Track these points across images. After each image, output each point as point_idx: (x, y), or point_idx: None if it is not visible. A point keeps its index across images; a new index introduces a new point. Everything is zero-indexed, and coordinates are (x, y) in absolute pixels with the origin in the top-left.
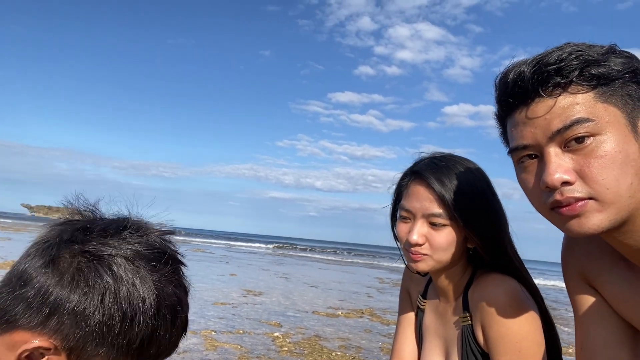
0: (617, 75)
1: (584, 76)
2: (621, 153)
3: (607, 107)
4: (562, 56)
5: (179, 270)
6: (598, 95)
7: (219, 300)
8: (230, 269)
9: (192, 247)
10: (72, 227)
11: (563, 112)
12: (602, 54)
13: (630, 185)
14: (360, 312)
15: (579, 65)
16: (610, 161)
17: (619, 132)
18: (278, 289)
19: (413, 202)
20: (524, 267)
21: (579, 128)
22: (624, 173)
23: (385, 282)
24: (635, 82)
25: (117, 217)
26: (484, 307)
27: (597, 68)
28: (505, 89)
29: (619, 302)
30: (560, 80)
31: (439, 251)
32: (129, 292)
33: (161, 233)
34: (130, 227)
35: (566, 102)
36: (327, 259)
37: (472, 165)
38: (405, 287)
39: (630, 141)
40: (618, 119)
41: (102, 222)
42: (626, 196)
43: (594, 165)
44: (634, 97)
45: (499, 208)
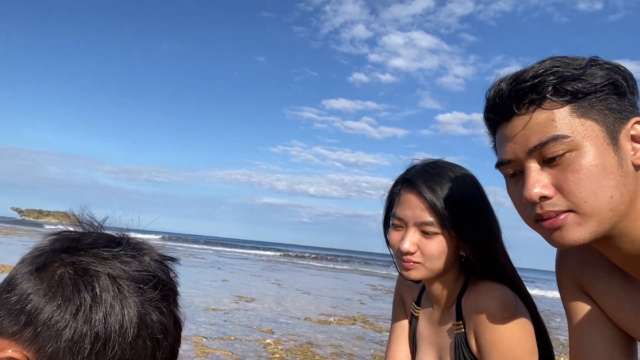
0: (595, 88)
1: (558, 92)
2: (598, 167)
3: (584, 121)
4: (538, 72)
5: (169, 297)
6: (575, 110)
7: (210, 306)
8: (222, 274)
9: (183, 253)
10: (65, 237)
11: (539, 128)
12: (581, 68)
13: (611, 199)
14: (352, 319)
15: (553, 81)
16: (587, 175)
17: (597, 146)
18: (270, 295)
19: (405, 210)
20: (517, 275)
21: (555, 145)
22: (602, 186)
23: (378, 289)
24: (615, 94)
25: (116, 234)
26: (477, 315)
27: (573, 83)
28: (487, 106)
29: (614, 309)
30: (535, 96)
31: (431, 259)
32: (105, 313)
33: (160, 257)
34: (125, 245)
35: (542, 118)
36: (320, 266)
37: (464, 172)
38: (399, 294)
39: (609, 154)
40: (596, 132)
41: (97, 236)
42: (606, 209)
43: (570, 180)
44: (614, 110)
45: (491, 216)
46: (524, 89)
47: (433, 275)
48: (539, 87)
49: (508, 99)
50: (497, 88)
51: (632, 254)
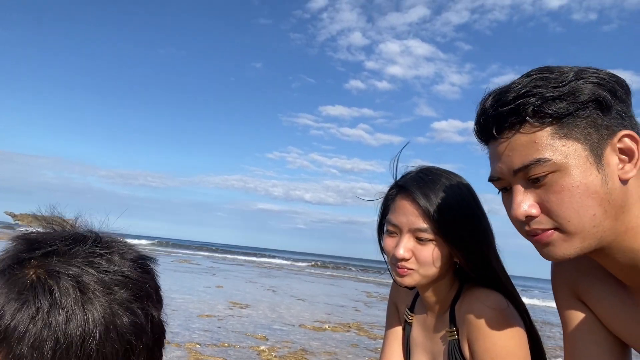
0: (578, 107)
1: (539, 115)
2: (579, 187)
3: (565, 142)
4: (519, 93)
5: (144, 298)
6: (556, 131)
7: (204, 312)
8: (216, 280)
9: (178, 259)
10: (30, 238)
11: (522, 150)
12: (565, 84)
13: (594, 216)
14: (347, 326)
15: (534, 103)
16: (568, 196)
17: (578, 165)
18: (265, 302)
19: (399, 216)
20: (511, 282)
21: (537, 168)
22: (585, 205)
23: (373, 296)
24: (600, 110)
25: (84, 232)
26: (470, 322)
27: (554, 105)
28: (475, 124)
29: (609, 317)
30: (515, 119)
31: (425, 266)
32: (66, 317)
33: (133, 256)
34: (92, 244)
35: (524, 141)
36: (315, 272)
37: (459, 179)
38: (393, 300)
39: (592, 173)
40: (578, 152)
41: (62, 236)
42: (589, 226)
43: (553, 201)
44: (599, 126)
45: (485, 223)
46: (504, 113)
47: (427, 282)
48: (519, 111)
49: (491, 122)
50: (482, 108)
51: (625, 264)
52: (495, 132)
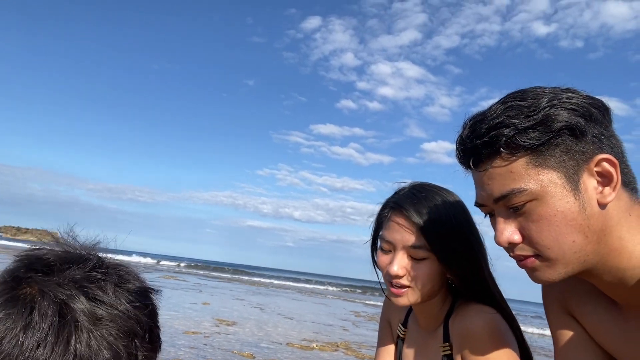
0: (552, 135)
1: (512, 147)
2: (557, 215)
3: (540, 170)
4: (492, 124)
5: (131, 337)
6: (531, 160)
7: (191, 329)
8: (203, 297)
9: (164, 274)
10: (31, 255)
11: (500, 179)
12: (538, 112)
13: (573, 243)
14: (335, 346)
15: (508, 134)
16: (546, 224)
17: (555, 194)
18: (252, 319)
19: (393, 233)
20: (503, 298)
21: (513, 198)
22: (562, 232)
23: (361, 315)
24: (575, 137)
25: (88, 254)
26: (464, 337)
27: (527, 136)
28: (455, 152)
29: (600, 333)
30: (490, 151)
31: (420, 283)
32: (37, 341)
33: (134, 288)
34: (93, 267)
35: (500, 172)
36: (303, 291)
37: (452, 196)
38: (385, 316)
39: (569, 200)
40: (554, 180)
41: (63, 257)
42: (570, 252)
43: (532, 229)
44: (574, 152)
45: (478, 240)
46: (479, 145)
47: (422, 300)
48: (492, 143)
49: (467, 154)
50: (459, 137)
51: (613, 282)
52: (473, 164)
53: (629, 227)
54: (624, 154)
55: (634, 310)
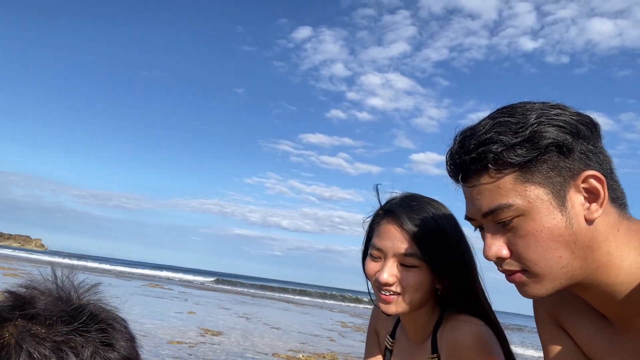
0: (539, 152)
1: (500, 163)
2: (544, 231)
3: (527, 187)
4: (481, 140)
5: None
6: (518, 177)
7: (175, 338)
8: (188, 306)
9: (149, 283)
10: (21, 295)
11: (488, 194)
12: (526, 128)
13: (560, 259)
14: (321, 356)
15: (495, 150)
16: (533, 240)
17: (542, 210)
18: (238, 329)
19: (384, 240)
20: (492, 310)
21: (501, 213)
22: (549, 248)
23: (348, 326)
24: (562, 154)
25: (82, 305)
26: (452, 349)
27: (514, 152)
28: (446, 166)
29: (589, 345)
30: (478, 167)
31: (409, 291)
32: None
33: (119, 357)
34: (82, 323)
35: (488, 187)
36: (290, 300)
37: (443, 208)
38: (373, 326)
39: (556, 216)
40: (541, 197)
41: (56, 304)
42: (557, 268)
43: (519, 244)
44: (561, 169)
45: (468, 251)
46: (467, 161)
47: (411, 309)
48: (480, 159)
49: (456, 169)
50: (449, 152)
51: (601, 297)
52: (460, 180)
53: (617, 242)
54: (612, 170)
55: (622, 324)
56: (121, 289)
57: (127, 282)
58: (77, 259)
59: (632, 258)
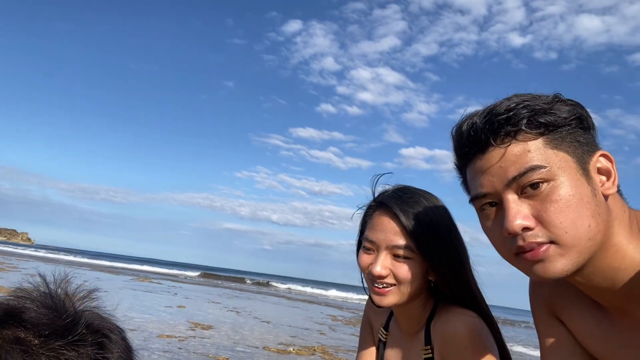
0: (564, 122)
1: (532, 124)
2: (575, 196)
3: (557, 153)
4: (510, 106)
5: None
6: (548, 142)
7: (165, 332)
8: (178, 300)
9: (139, 277)
10: (12, 305)
11: (517, 159)
12: (548, 103)
13: (589, 228)
14: (312, 350)
15: (527, 114)
16: (565, 205)
17: (571, 176)
18: (228, 323)
19: (377, 233)
20: (485, 302)
21: (533, 175)
22: (581, 215)
23: (338, 319)
24: (581, 128)
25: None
26: (445, 341)
27: (545, 116)
28: (460, 139)
29: (585, 335)
30: (510, 128)
31: (404, 283)
32: None
33: None
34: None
35: (518, 150)
36: (280, 294)
37: (436, 200)
38: (367, 319)
39: (583, 184)
40: (569, 164)
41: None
42: (585, 239)
43: (550, 210)
44: (582, 143)
45: (461, 242)
46: (500, 121)
47: (405, 301)
48: (514, 119)
49: (483, 131)
50: (470, 122)
51: (601, 285)
52: (492, 140)
53: (624, 226)
54: None
55: (619, 314)
56: (109, 283)
57: (115, 276)
58: (65, 253)
59: (635, 243)
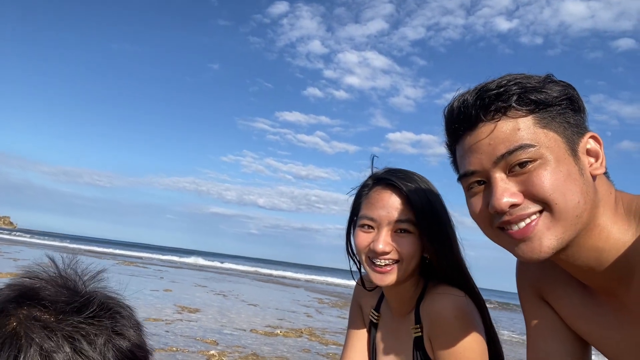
0: (555, 101)
1: (523, 101)
2: (562, 172)
3: (546, 132)
4: (501, 83)
5: None
6: (538, 121)
7: (151, 316)
8: (164, 284)
9: (123, 260)
10: (26, 286)
11: (506, 137)
12: (540, 82)
13: (578, 204)
14: (299, 332)
15: (518, 90)
16: (553, 178)
17: (560, 155)
18: (215, 306)
19: (377, 210)
20: (472, 279)
21: (522, 154)
22: (569, 190)
23: (325, 302)
24: (572, 109)
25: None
26: (432, 319)
27: (536, 94)
28: (451, 116)
29: (571, 316)
30: (501, 104)
31: (406, 259)
32: None
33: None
34: (89, 315)
35: (508, 127)
36: (267, 278)
37: (426, 179)
38: (357, 301)
39: (570, 163)
40: (558, 143)
41: (64, 294)
42: (573, 214)
43: (538, 184)
44: (571, 124)
45: (451, 222)
46: (490, 96)
47: (405, 277)
48: (505, 96)
49: (474, 107)
50: (461, 99)
51: (587, 265)
52: (482, 116)
53: (610, 207)
54: None
55: (605, 295)
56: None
57: (100, 260)
58: (48, 238)
59: (619, 224)
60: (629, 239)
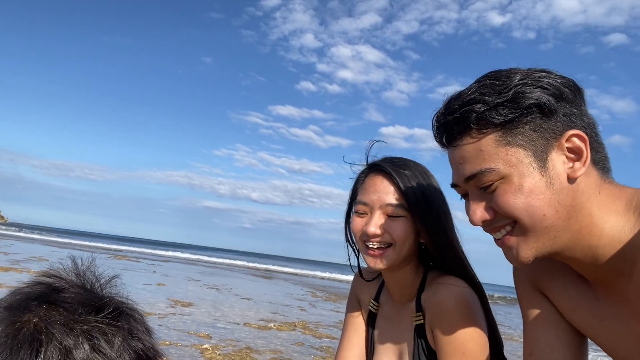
0: (522, 112)
1: (482, 123)
2: (525, 189)
3: (508, 149)
4: (464, 101)
5: None
6: (499, 138)
7: (144, 310)
8: (157, 278)
9: (115, 255)
10: (47, 284)
11: (470, 159)
12: (508, 90)
13: (544, 217)
14: (292, 325)
15: (478, 109)
16: (515, 197)
17: (523, 171)
18: (208, 300)
19: (370, 194)
20: (471, 266)
21: (483, 177)
22: (531, 206)
23: (318, 295)
24: (543, 115)
25: (106, 298)
26: (434, 308)
27: (496, 112)
28: (433, 131)
29: (568, 309)
30: (461, 128)
31: (398, 242)
32: None
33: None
34: (106, 315)
35: (470, 149)
36: (260, 272)
37: (424, 167)
38: (355, 292)
39: (535, 176)
40: (521, 159)
41: (81, 294)
42: (541, 226)
43: (501, 204)
44: (543, 130)
45: (447, 207)
46: (451, 121)
47: (399, 263)
48: (463, 119)
49: (441, 131)
50: (436, 115)
51: (584, 260)
52: (445, 141)
53: (599, 204)
54: (597, 133)
55: (603, 288)
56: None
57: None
58: (39, 232)
59: (614, 220)
60: (627, 233)
